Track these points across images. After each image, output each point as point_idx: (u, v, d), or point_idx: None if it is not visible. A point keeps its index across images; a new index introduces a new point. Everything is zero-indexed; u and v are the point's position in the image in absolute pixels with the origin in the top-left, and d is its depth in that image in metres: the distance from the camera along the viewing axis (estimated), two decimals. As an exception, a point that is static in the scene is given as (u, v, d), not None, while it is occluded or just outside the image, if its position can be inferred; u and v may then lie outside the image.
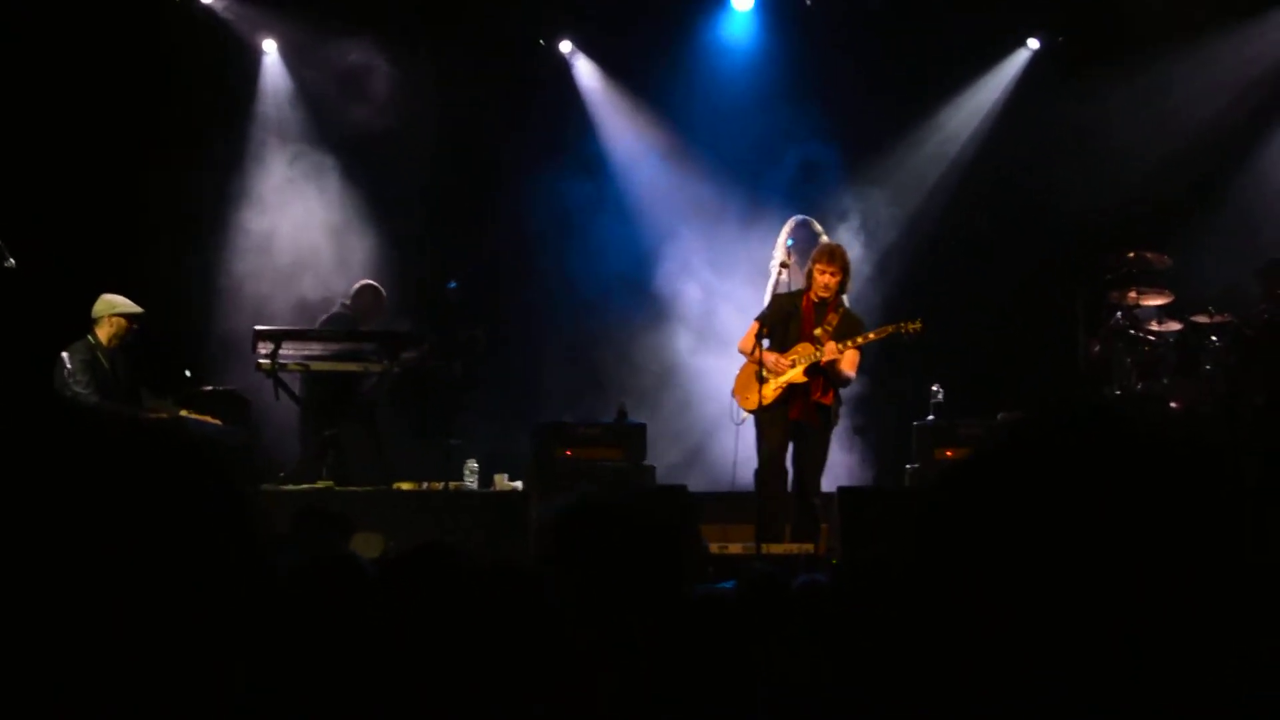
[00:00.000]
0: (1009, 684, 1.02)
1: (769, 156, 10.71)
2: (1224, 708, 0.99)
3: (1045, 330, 10.51)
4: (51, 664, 1.03)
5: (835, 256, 8.10)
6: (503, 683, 2.43)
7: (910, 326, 8.12)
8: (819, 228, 8.88)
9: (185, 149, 10.51)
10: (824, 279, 8.04)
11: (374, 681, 2.61)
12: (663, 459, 9.84)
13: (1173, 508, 0.99)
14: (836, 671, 2.59)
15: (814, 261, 8.11)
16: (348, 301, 10.16)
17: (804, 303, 8.15)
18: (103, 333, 8.97)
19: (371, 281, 10.32)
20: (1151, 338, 9.63)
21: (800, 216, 8.91)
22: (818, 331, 8.05)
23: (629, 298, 10.98)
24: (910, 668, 2.13)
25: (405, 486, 9.21)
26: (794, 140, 10.67)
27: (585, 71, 11.52)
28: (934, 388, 9.82)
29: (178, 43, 10.59)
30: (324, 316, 10.12)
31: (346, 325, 9.98)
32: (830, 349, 7.94)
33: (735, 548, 8.20)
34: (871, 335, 8.10)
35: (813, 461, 8.15)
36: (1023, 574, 1.02)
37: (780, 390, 8.06)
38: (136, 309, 9.08)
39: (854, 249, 9.69)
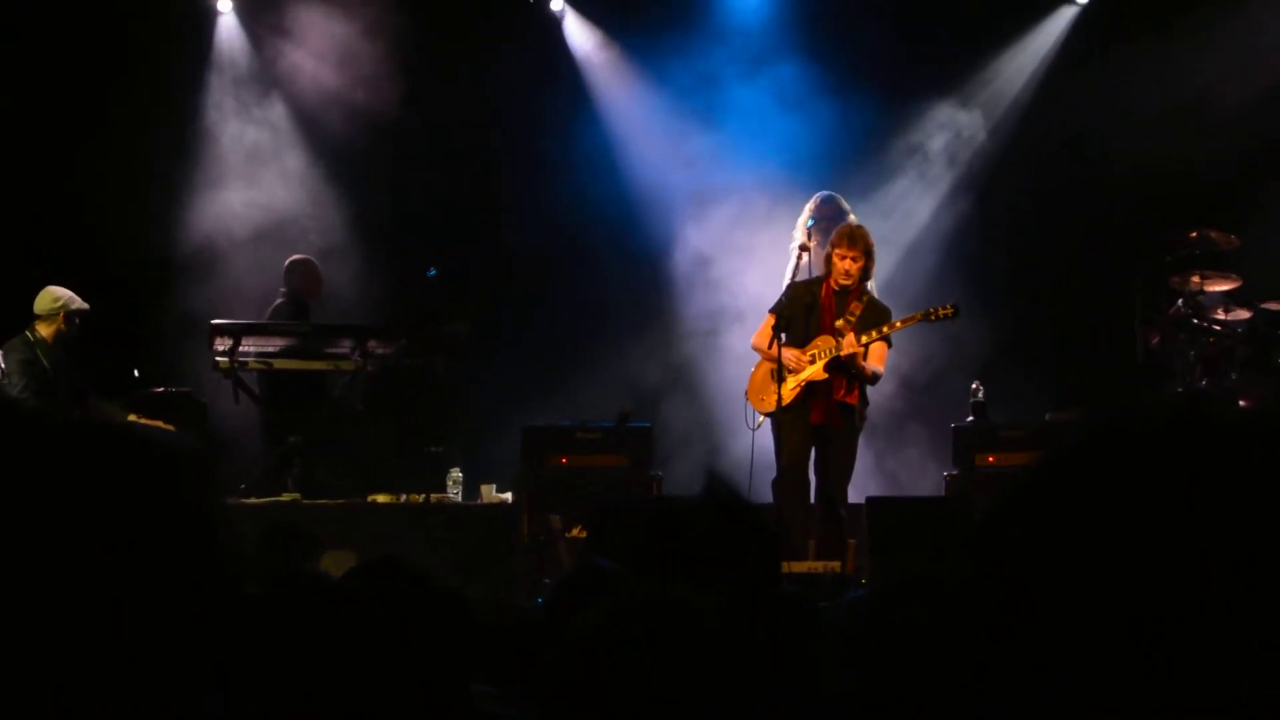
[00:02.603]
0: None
1: (789, 126, 10.65)
2: None
3: (1097, 319, 10.48)
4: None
5: (856, 239, 8.05)
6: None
7: (942, 312, 8.10)
8: (846, 205, 8.85)
9: (131, 120, 10.47)
10: (844, 265, 8.01)
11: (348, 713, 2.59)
12: (669, 467, 9.83)
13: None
14: (871, 707, 2.57)
15: (833, 246, 8.07)
16: (285, 289, 10.07)
17: (823, 291, 8.11)
18: (45, 329, 8.96)
19: (302, 255, 10.25)
20: (1217, 327, 9.61)
21: (825, 192, 8.87)
22: (839, 323, 8.02)
23: (631, 287, 10.95)
24: (963, 705, 2.10)
25: (381, 499, 9.21)
26: (816, 107, 10.60)
27: (577, 32, 11.47)
28: (973, 385, 9.79)
29: (125, 5, 10.58)
30: (269, 310, 10.05)
31: (296, 317, 9.91)
32: (849, 342, 7.92)
33: (752, 566, 8.17)
34: (898, 324, 8.08)
35: (838, 469, 8.12)
36: (1108, 601, 0.99)
37: (799, 390, 8.04)
38: (83, 305, 9.07)
39: (882, 229, 9.63)
